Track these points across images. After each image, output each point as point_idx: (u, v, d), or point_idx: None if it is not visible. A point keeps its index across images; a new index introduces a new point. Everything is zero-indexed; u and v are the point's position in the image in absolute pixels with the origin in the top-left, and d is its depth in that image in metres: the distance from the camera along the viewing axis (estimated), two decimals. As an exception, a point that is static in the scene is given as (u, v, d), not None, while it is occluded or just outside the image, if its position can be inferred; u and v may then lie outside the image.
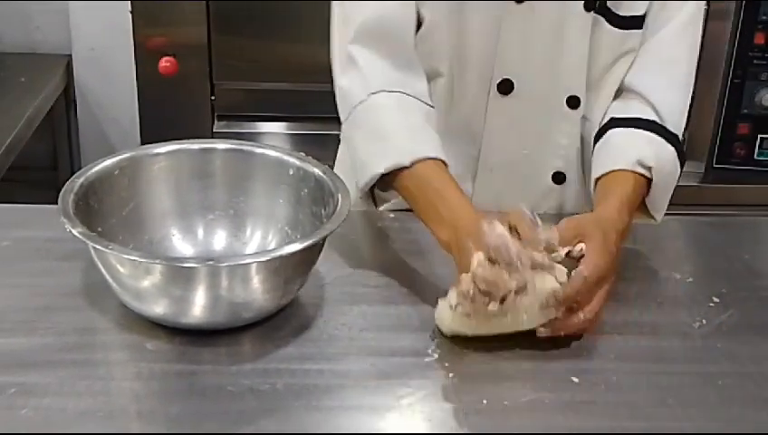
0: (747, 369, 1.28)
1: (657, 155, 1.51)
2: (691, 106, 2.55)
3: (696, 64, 1.60)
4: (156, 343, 1.27)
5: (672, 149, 1.54)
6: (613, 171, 1.49)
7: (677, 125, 1.56)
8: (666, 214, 1.55)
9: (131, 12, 2.52)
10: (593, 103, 1.59)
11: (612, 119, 1.57)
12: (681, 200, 2.55)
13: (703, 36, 2.52)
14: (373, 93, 1.49)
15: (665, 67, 1.58)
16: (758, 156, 2.59)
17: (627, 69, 1.59)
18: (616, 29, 1.54)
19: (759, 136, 2.57)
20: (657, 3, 1.55)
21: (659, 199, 1.54)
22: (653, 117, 1.55)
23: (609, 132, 1.55)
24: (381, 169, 1.44)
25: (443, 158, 1.44)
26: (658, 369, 1.27)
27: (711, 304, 1.40)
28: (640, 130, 1.54)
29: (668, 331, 1.35)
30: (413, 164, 1.42)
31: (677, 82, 1.59)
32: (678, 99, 1.58)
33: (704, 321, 1.37)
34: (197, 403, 1.18)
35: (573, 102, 1.58)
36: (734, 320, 1.37)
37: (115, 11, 2.66)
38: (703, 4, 1.60)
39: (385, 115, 1.49)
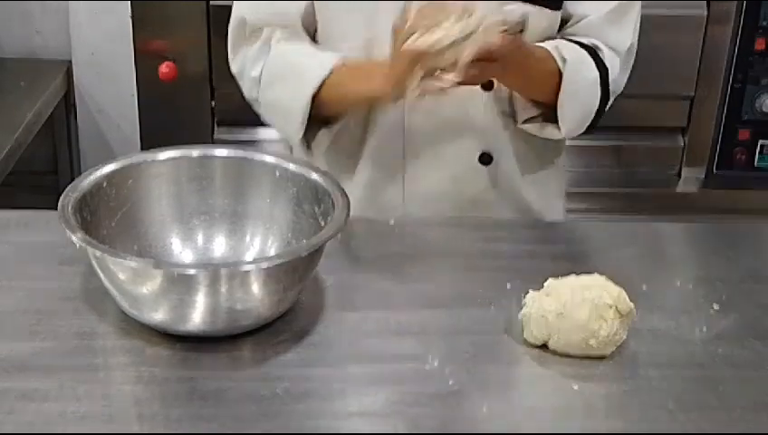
0: (748, 375, 1.28)
1: (580, 59, 1.56)
2: (690, 111, 2.55)
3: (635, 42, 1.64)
4: (156, 348, 1.27)
5: (596, 73, 1.57)
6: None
7: (612, 63, 1.60)
8: (666, 219, 1.54)
9: (131, 17, 2.52)
10: None
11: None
12: (682, 206, 2.56)
13: (703, 41, 2.53)
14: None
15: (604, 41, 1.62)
16: (758, 162, 2.60)
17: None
18: (553, 12, 1.58)
19: (759, 142, 2.58)
20: None
21: (568, 103, 1.56)
22: (593, 43, 1.60)
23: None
24: (313, 87, 1.55)
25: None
26: (659, 374, 1.27)
27: (712, 311, 1.40)
28: (574, 44, 1.59)
29: (669, 337, 1.35)
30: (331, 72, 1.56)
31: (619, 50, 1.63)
32: (619, 56, 1.62)
33: (704, 327, 1.36)
34: (198, 408, 1.18)
35: (487, 85, 1.59)
36: (735, 326, 1.37)
37: (115, 16, 2.66)
38: None
39: (288, 54, 1.61)
